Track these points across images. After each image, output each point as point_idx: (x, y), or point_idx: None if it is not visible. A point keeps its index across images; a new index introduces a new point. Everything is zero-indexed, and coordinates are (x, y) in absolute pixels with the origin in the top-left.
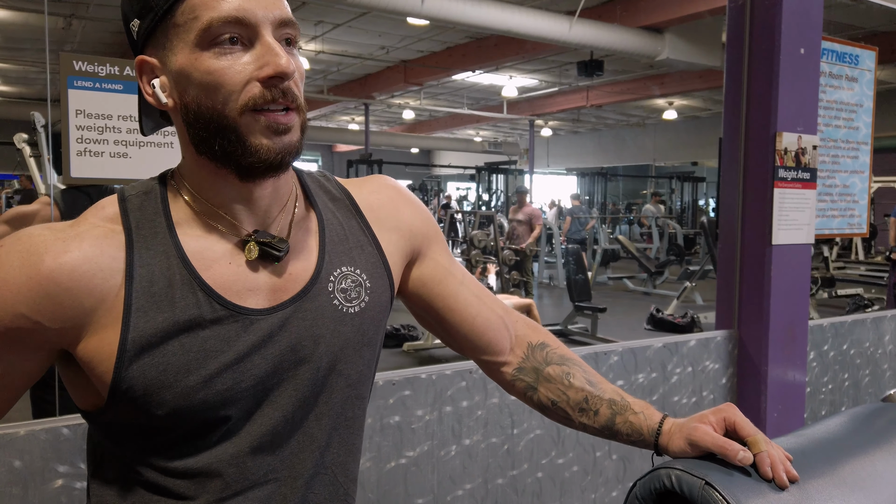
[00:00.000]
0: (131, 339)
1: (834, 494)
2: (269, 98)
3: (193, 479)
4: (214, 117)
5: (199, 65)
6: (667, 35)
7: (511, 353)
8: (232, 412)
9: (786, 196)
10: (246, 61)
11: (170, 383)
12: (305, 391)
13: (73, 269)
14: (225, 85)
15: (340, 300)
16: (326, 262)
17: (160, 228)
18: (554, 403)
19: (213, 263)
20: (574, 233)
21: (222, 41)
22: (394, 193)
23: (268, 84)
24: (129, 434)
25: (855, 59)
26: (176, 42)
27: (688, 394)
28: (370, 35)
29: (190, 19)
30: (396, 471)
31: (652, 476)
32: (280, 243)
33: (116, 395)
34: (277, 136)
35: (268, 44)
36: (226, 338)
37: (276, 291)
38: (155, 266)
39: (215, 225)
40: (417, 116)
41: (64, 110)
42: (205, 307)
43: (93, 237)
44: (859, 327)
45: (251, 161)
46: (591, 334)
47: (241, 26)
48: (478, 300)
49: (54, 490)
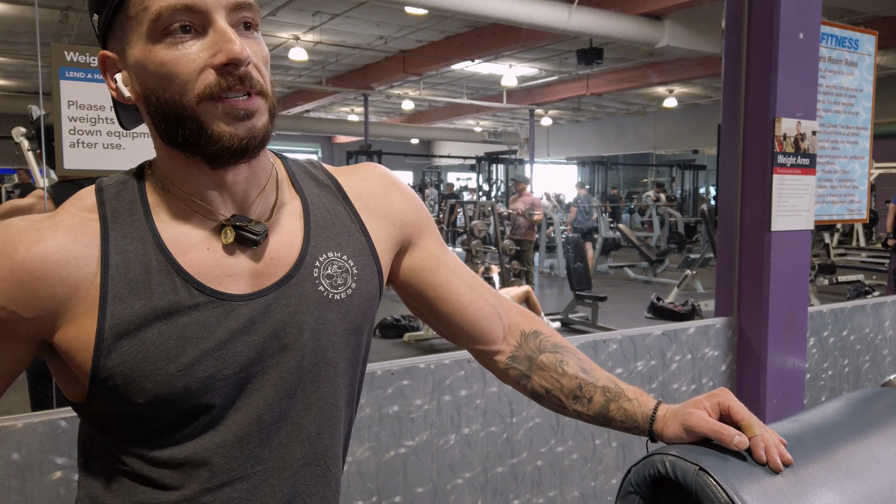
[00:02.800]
0: (108, 327)
1: (829, 479)
2: (224, 86)
3: (178, 469)
4: (173, 108)
5: (153, 56)
6: (666, 22)
7: (504, 341)
8: (215, 400)
9: (785, 182)
10: (199, 49)
11: (149, 371)
12: (290, 378)
13: (45, 258)
14: (179, 75)
15: (326, 286)
16: (311, 247)
17: (137, 216)
18: (548, 391)
19: (190, 249)
20: (579, 223)
21: (173, 30)
22: (384, 181)
23: (222, 71)
24: (112, 424)
25: (855, 43)
26: (131, 35)
27: (687, 381)
28: (368, 25)
29: (140, 10)
30: (396, 460)
31: (646, 462)
32: (256, 226)
33: (96, 385)
34: (240, 121)
35: (221, 29)
36: (206, 324)
37: (258, 276)
38: (131, 253)
39: (193, 212)
40: (417, 107)
41: (56, 101)
42: (182, 293)
43: (67, 226)
44: (859, 313)
45: (215, 149)
46: (591, 323)
47: (192, 13)
48: (470, 289)
49: (52, 482)
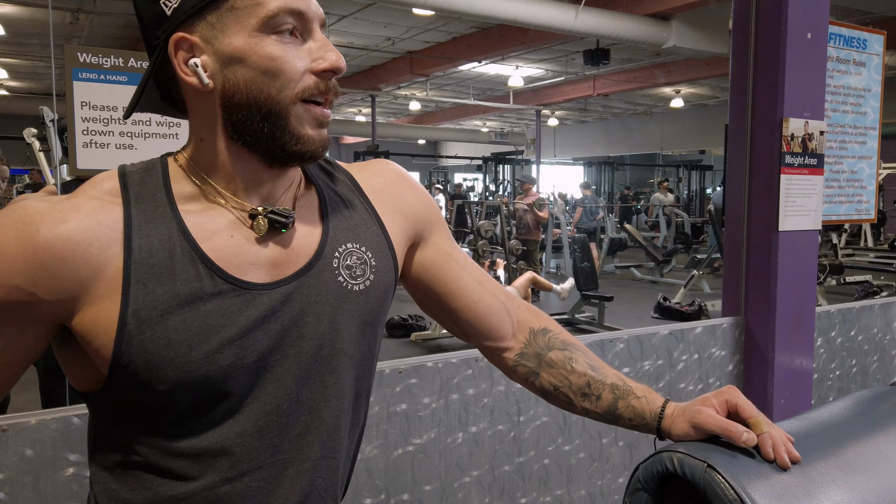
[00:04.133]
0: (131, 312)
1: (837, 477)
2: (322, 90)
3: (197, 458)
4: (266, 102)
5: (261, 49)
6: (673, 22)
7: (513, 338)
8: (233, 387)
9: (792, 182)
10: (302, 52)
11: (171, 358)
12: (307, 367)
13: (69, 239)
14: (285, 72)
15: (345, 277)
16: (331, 238)
17: (160, 202)
18: (556, 388)
19: (213, 235)
20: (585, 223)
21: (283, 30)
22: (396, 177)
23: (322, 77)
24: (130, 413)
25: (863, 43)
26: (232, 24)
27: (694, 381)
28: (376, 26)
29: (251, 4)
30: (404, 458)
31: (654, 460)
32: (284, 210)
33: (117, 371)
34: (321, 128)
35: (322, 38)
36: (227, 312)
37: (279, 266)
38: (154, 237)
39: (216, 202)
40: (424, 107)
41: (69, 102)
42: (206, 280)
43: (90, 207)
44: (867, 313)
45: (297, 149)
46: (598, 323)
47: (300, 19)
48: (480, 286)
49: (65, 478)
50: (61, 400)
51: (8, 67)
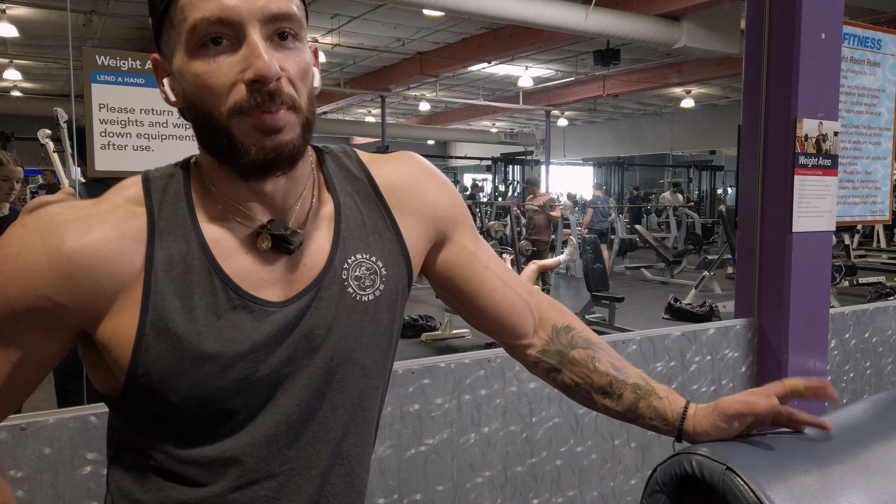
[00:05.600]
0: (150, 323)
1: (857, 480)
2: (253, 103)
3: (208, 466)
4: (208, 119)
5: (190, 67)
6: (684, 22)
7: (535, 335)
8: (247, 401)
9: (806, 183)
10: (232, 63)
11: (185, 370)
12: (319, 380)
13: (95, 251)
14: (212, 88)
15: (354, 288)
16: (340, 250)
17: (181, 213)
18: (578, 385)
19: (231, 253)
20: (596, 223)
21: (208, 43)
22: (418, 173)
23: (251, 88)
24: (145, 421)
25: (877, 43)
26: (174, 41)
27: (707, 382)
28: (386, 27)
29: (181, 20)
30: (416, 458)
31: (672, 461)
32: (293, 236)
33: (133, 380)
34: (267, 136)
35: (252, 44)
36: (242, 328)
37: (292, 283)
38: (174, 250)
39: (232, 215)
40: (433, 108)
41: (87, 105)
42: (221, 296)
43: (115, 218)
44: (881, 315)
45: (243, 162)
46: (608, 324)
47: (226, 26)
48: (503, 284)
49: (83, 476)
50: (76, 400)
51: (22, 69)
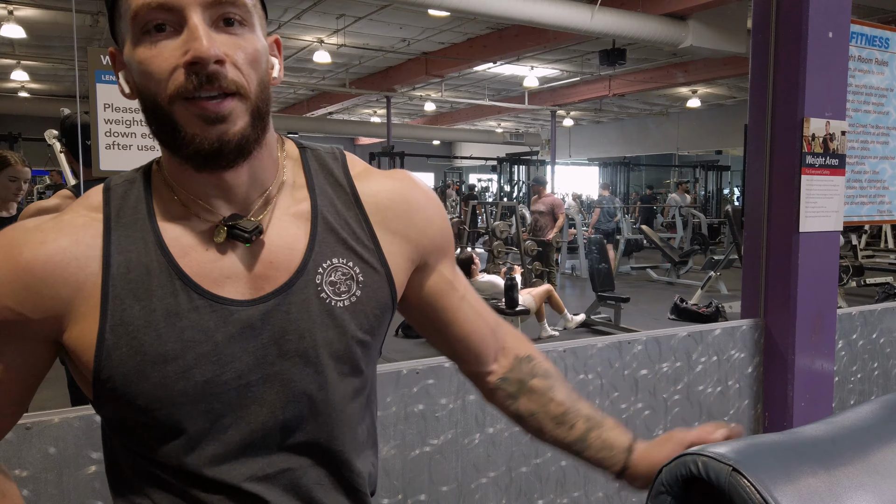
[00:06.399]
0: (109, 328)
1: (865, 482)
2: (191, 86)
3: (186, 475)
4: (154, 107)
5: (135, 54)
6: (690, 22)
7: (495, 362)
8: (215, 406)
9: (813, 183)
10: (173, 47)
11: (148, 373)
12: (294, 388)
13: (48, 260)
14: (153, 73)
15: (329, 293)
16: (315, 253)
17: (140, 216)
18: (532, 414)
19: (189, 250)
20: (603, 223)
21: (150, 29)
22: (410, 196)
23: (189, 70)
24: (120, 428)
25: (885, 42)
26: (124, 32)
27: (713, 383)
28: (391, 27)
29: (126, 9)
30: (421, 459)
31: (678, 462)
32: (246, 223)
33: (99, 385)
34: (210, 125)
35: (192, 27)
36: (203, 328)
37: (258, 280)
38: (132, 253)
39: (193, 212)
40: (439, 108)
41: (92, 104)
42: (182, 296)
43: (71, 227)
44: (889, 316)
45: (187, 152)
46: (614, 324)
47: (167, 11)
48: (476, 315)
49: (87, 476)
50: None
51: (29, 70)
